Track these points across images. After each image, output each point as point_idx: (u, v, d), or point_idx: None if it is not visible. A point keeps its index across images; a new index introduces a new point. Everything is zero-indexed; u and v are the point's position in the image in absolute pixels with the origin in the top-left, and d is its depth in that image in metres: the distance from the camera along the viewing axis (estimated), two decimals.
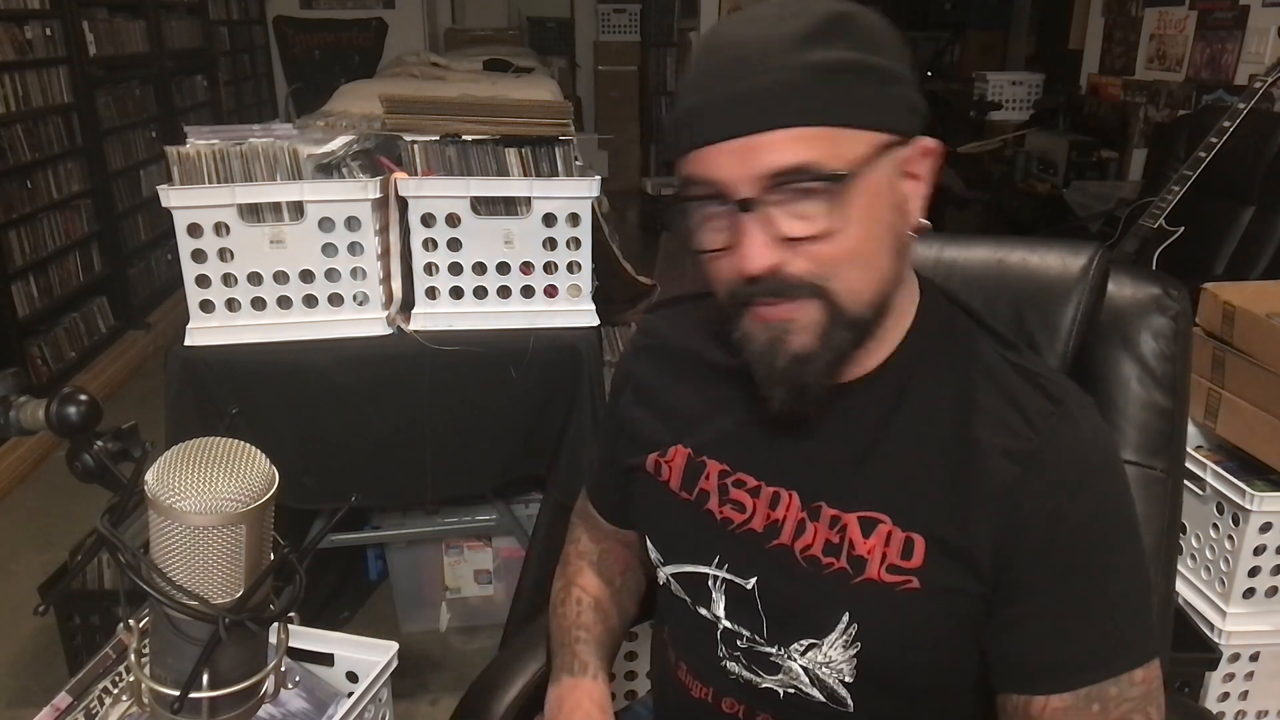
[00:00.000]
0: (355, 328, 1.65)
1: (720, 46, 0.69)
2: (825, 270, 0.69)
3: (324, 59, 5.82)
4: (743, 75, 0.67)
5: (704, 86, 0.69)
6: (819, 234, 0.67)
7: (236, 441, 0.59)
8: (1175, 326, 0.96)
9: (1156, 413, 0.95)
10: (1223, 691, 1.56)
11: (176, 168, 1.54)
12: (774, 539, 0.79)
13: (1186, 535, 1.63)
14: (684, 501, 0.84)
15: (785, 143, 0.66)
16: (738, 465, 0.82)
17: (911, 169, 0.72)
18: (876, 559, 0.74)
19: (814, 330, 0.70)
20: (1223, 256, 2.76)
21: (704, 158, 0.69)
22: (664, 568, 0.87)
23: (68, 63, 3.36)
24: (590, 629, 0.95)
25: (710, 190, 0.69)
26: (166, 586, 0.57)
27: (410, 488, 1.75)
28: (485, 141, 1.64)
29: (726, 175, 0.68)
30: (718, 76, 0.68)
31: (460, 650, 2.09)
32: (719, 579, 0.82)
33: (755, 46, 0.67)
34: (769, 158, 0.66)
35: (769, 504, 0.79)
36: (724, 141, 0.67)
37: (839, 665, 0.77)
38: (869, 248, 0.69)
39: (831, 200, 0.67)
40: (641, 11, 6.64)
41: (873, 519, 0.75)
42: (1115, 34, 4.10)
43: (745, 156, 0.67)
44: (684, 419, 0.86)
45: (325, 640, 1.17)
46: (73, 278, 3.38)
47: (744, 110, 0.66)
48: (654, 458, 0.87)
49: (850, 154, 0.67)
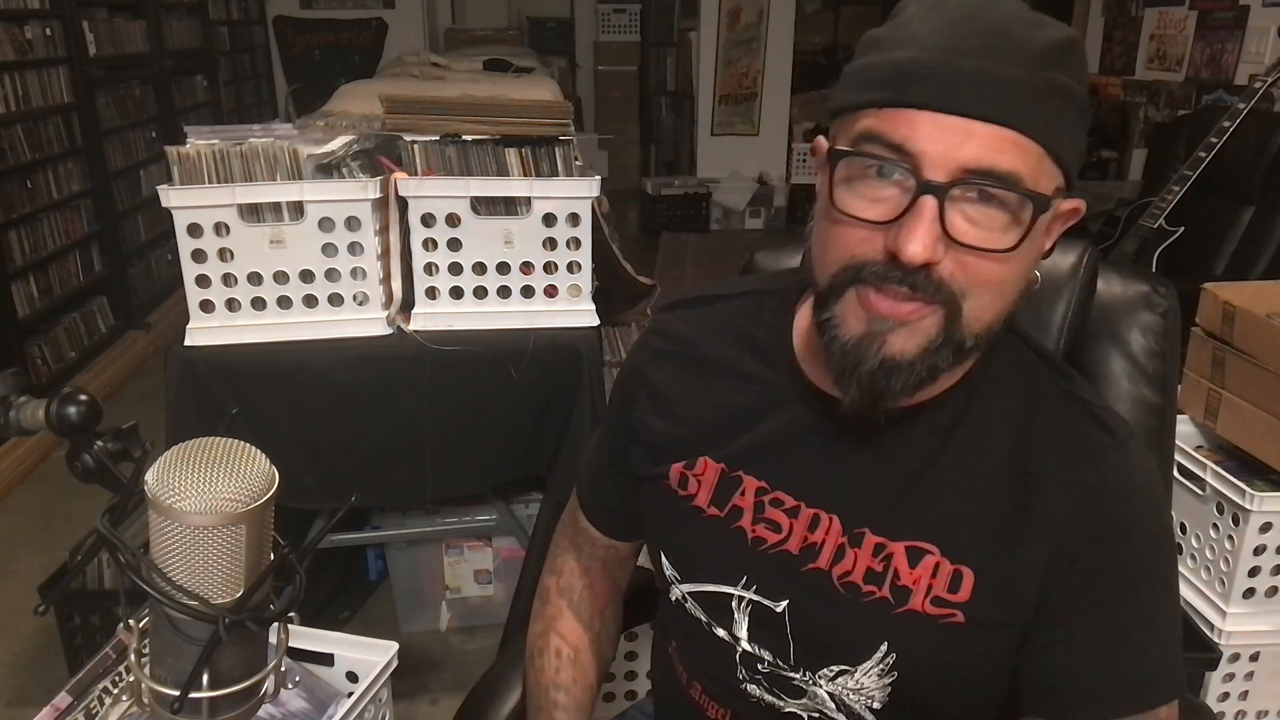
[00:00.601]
0: (355, 328, 1.65)
1: (964, 14, 0.62)
2: (967, 286, 0.64)
3: (324, 59, 5.81)
4: (992, 53, 0.61)
5: (943, 45, 0.61)
6: (985, 247, 0.63)
7: (236, 441, 0.59)
8: (1164, 323, 0.97)
9: (1146, 408, 0.96)
10: (1223, 691, 1.56)
11: (176, 168, 1.54)
12: (810, 562, 0.75)
13: (1186, 535, 1.63)
14: (711, 518, 0.80)
15: (1004, 143, 0.61)
16: (776, 483, 0.77)
17: (1053, 224, 0.69)
18: (922, 590, 0.72)
19: (922, 339, 0.65)
20: (1223, 256, 2.76)
21: (910, 121, 0.62)
22: (680, 585, 0.83)
23: (68, 63, 3.36)
24: (569, 690, 0.91)
25: (898, 158, 0.62)
26: (166, 586, 0.57)
27: (410, 488, 1.75)
28: (485, 141, 1.64)
29: (931, 149, 0.61)
30: (962, 40, 0.61)
31: (460, 650, 2.09)
32: (744, 600, 0.78)
33: (1008, 31, 0.61)
34: (984, 152, 0.61)
35: (808, 526, 0.76)
36: (946, 114, 0.61)
37: (870, 692, 0.75)
38: (1012, 281, 0.66)
39: (1012, 220, 0.62)
40: (641, 11, 6.63)
41: (921, 549, 0.72)
42: (1115, 34, 4.10)
43: (958, 139, 0.61)
44: (710, 430, 0.81)
45: (325, 640, 1.17)
46: (73, 278, 3.38)
47: (983, 91, 0.60)
48: (678, 469, 0.82)
49: (1044, 185, 0.63)
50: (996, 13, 0.62)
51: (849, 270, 0.66)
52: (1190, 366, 1.68)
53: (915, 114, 0.61)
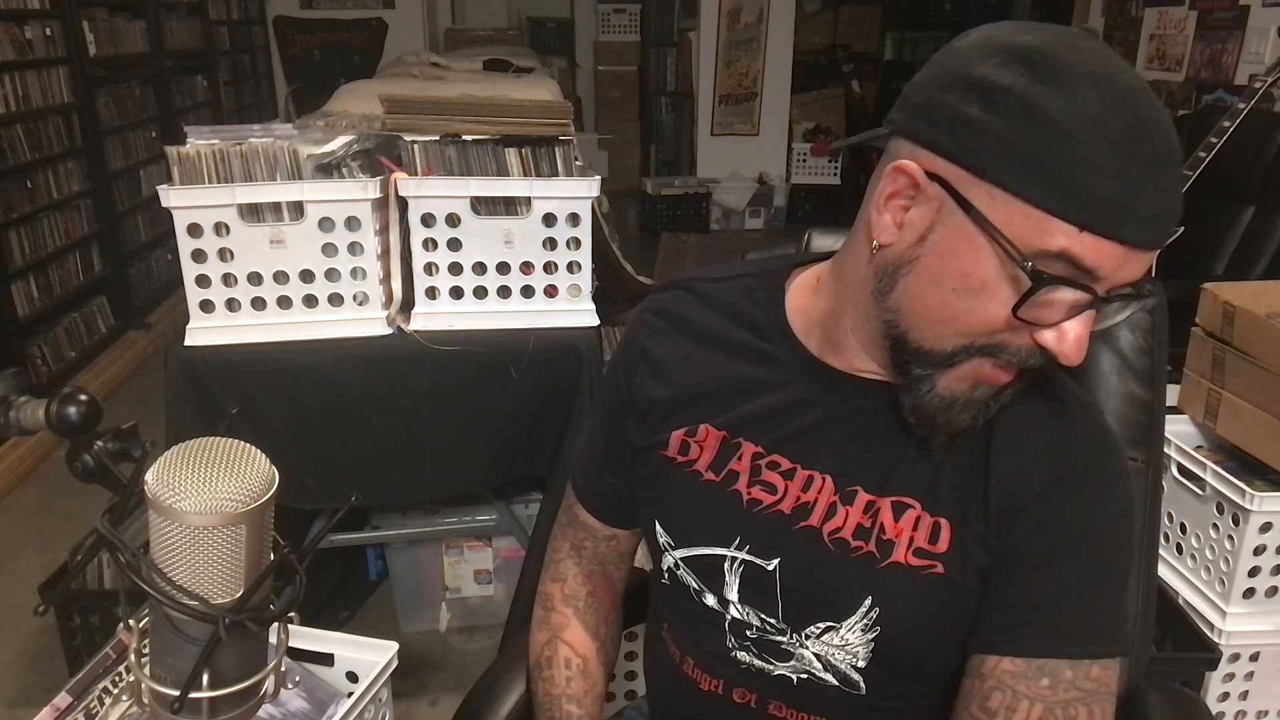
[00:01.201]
0: (355, 328, 1.65)
1: (1148, 126, 0.62)
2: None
3: (324, 59, 5.81)
4: (1173, 182, 0.64)
5: (1142, 178, 0.62)
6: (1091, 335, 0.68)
7: (236, 441, 0.59)
8: (1152, 320, 0.98)
9: (1135, 405, 0.97)
10: (1223, 691, 1.56)
11: (176, 168, 1.54)
12: (802, 520, 0.79)
13: (1186, 535, 1.63)
14: (708, 483, 0.83)
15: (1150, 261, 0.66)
16: (773, 448, 0.81)
17: None
18: (904, 542, 0.76)
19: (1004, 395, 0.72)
20: (1223, 256, 2.76)
21: (1112, 254, 0.63)
22: (673, 552, 0.85)
23: (68, 63, 3.36)
24: (581, 701, 0.91)
25: (1086, 280, 0.64)
26: (166, 586, 0.57)
27: (410, 488, 1.75)
28: (485, 141, 1.65)
29: (1109, 275, 0.64)
30: (1158, 173, 0.63)
31: (460, 650, 2.09)
32: (736, 560, 0.81)
33: (1172, 141, 0.64)
34: (1142, 272, 0.66)
35: (801, 486, 0.80)
36: (1140, 250, 0.64)
37: (855, 649, 0.78)
38: None
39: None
40: (641, 11, 6.64)
41: (903, 503, 0.76)
42: (1115, 34, 4.10)
43: (1133, 264, 0.65)
44: (709, 397, 0.84)
45: (325, 640, 1.17)
46: (73, 278, 3.38)
47: (1169, 225, 0.65)
48: (679, 435, 0.85)
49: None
50: (1156, 109, 0.63)
51: (984, 348, 0.69)
52: (1190, 366, 1.68)
53: (1115, 247, 0.63)
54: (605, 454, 0.95)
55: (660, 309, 0.91)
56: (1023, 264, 0.63)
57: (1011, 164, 0.63)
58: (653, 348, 0.89)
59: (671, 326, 0.89)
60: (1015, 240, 0.63)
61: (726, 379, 0.84)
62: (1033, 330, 0.66)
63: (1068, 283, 0.64)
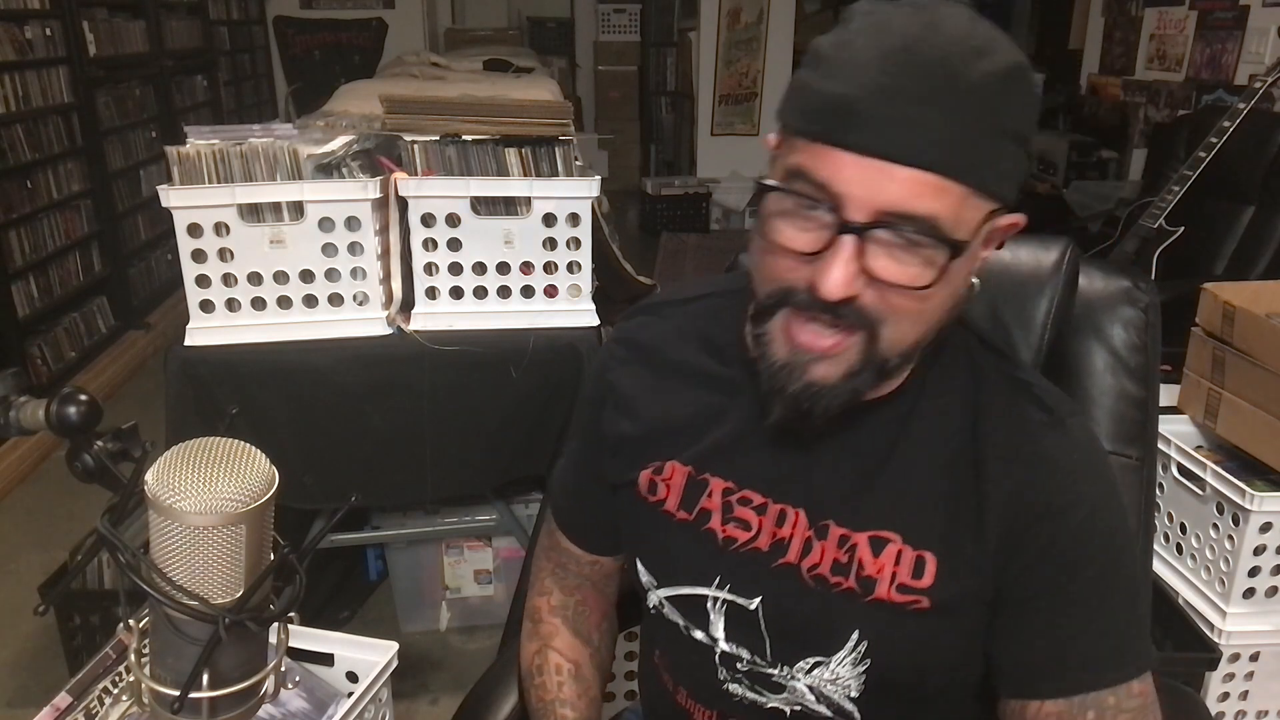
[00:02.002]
0: (355, 328, 1.65)
1: (901, 45, 0.62)
2: (888, 314, 0.66)
3: (324, 59, 5.81)
4: (922, 96, 0.61)
5: (874, 83, 0.61)
6: (903, 284, 0.64)
7: (236, 441, 0.59)
8: (1145, 318, 0.98)
9: (1129, 402, 0.97)
10: (1223, 691, 1.56)
11: (176, 168, 1.54)
12: (780, 558, 0.77)
13: (1186, 535, 1.63)
14: (681, 522, 0.81)
15: (924, 187, 0.62)
16: (743, 482, 0.79)
17: (993, 236, 0.70)
18: (886, 578, 0.73)
19: (843, 366, 0.68)
20: (1223, 256, 2.76)
21: (837, 161, 0.63)
22: (656, 591, 0.83)
23: (68, 63, 3.36)
24: (575, 705, 0.90)
25: (819, 194, 0.64)
26: (166, 586, 0.57)
27: (410, 488, 1.75)
28: (485, 141, 1.65)
29: (850, 191, 0.62)
30: (893, 79, 0.61)
31: (460, 650, 2.09)
32: (719, 600, 0.79)
33: (941, 69, 0.61)
34: (903, 197, 0.62)
35: (775, 521, 0.77)
36: (868, 156, 0.62)
37: (846, 681, 0.76)
38: (934, 308, 0.68)
39: (932, 260, 0.64)
40: (641, 11, 6.64)
41: (882, 538, 0.74)
42: (1115, 34, 4.10)
43: (879, 181, 0.62)
44: (676, 431, 0.82)
45: (325, 640, 1.17)
46: (73, 278, 3.38)
47: (908, 136, 0.61)
48: (647, 475, 0.83)
49: (970, 219, 0.64)
50: (937, 44, 0.62)
51: (778, 294, 0.68)
52: (1190, 366, 1.68)
53: (841, 155, 0.62)
54: (584, 483, 0.92)
55: (626, 338, 0.89)
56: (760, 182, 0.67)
57: (789, 102, 0.67)
58: (618, 380, 0.87)
59: (636, 357, 0.86)
60: (770, 180, 0.67)
61: (691, 411, 0.82)
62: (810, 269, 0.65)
63: (788, 190, 0.65)
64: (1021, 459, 0.72)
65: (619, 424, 0.86)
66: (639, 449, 0.84)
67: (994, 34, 0.65)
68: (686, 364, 0.83)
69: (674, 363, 0.84)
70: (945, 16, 0.64)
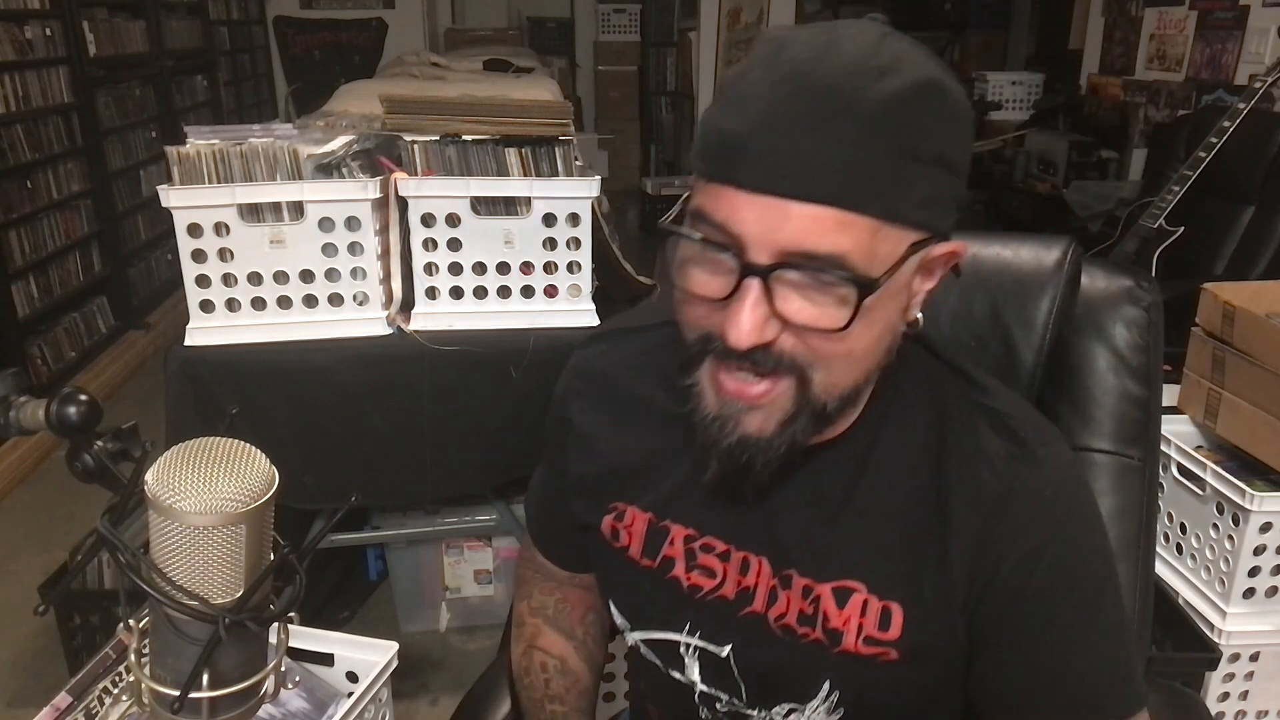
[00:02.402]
0: (355, 328, 1.65)
1: (792, 72, 0.58)
2: (813, 359, 0.62)
3: (324, 59, 5.81)
4: (810, 126, 0.57)
5: (761, 115, 0.58)
6: (817, 327, 0.60)
7: (236, 441, 0.59)
8: (1148, 317, 0.98)
9: (1131, 402, 0.97)
10: (1223, 691, 1.56)
11: (176, 168, 1.54)
12: (746, 606, 0.74)
13: (1186, 535, 1.63)
14: (646, 569, 0.78)
15: (826, 224, 0.58)
16: (704, 529, 0.76)
17: (931, 266, 0.66)
18: (853, 630, 0.70)
19: (777, 415, 0.64)
20: (1223, 256, 2.76)
21: (728, 200, 0.59)
22: (631, 633, 0.82)
23: (68, 63, 3.36)
24: (564, 699, 0.89)
25: (720, 237, 0.60)
26: (166, 586, 0.57)
27: (410, 488, 1.75)
28: (485, 141, 1.64)
29: (747, 231, 0.59)
30: (780, 110, 0.58)
31: (460, 650, 2.09)
32: (691, 646, 0.77)
33: (834, 95, 0.57)
34: (803, 235, 0.58)
35: (739, 570, 0.74)
36: (759, 194, 0.58)
37: None
38: (865, 350, 0.64)
39: (846, 299, 0.59)
40: (641, 11, 6.64)
41: (847, 588, 0.71)
42: (1115, 34, 4.10)
43: (776, 221, 0.58)
44: (634, 475, 0.79)
45: (325, 640, 1.17)
46: (73, 278, 3.38)
47: (798, 170, 0.57)
48: (609, 521, 0.80)
49: (886, 252, 0.60)
50: (832, 67, 0.58)
51: (699, 342, 0.65)
52: (1190, 366, 1.68)
53: (736, 194, 0.59)
54: (552, 508, 0.90)
55: (583, 368, 0.85)
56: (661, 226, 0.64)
57: (695, 145, 0.63)
58: (575, 416, 0.84)
59: (593, 389, 0.83)
60: (671, 224, 0.64)
61: (645, 452, 0.79)
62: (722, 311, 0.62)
63: (687, 235, 0.61)
64: (987, 501, 0.68)
65: (577, 463, 0.84)
66: (598, 491, 0.82)
67: (904, 51, 0.60)
68: (642, 400, 0.80)
69: (630, 398, 0.81)
70: (846, 38, 0.59)
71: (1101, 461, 0.95)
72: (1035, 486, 0.69)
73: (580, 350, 0.87)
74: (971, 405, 0.72)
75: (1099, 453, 0.96)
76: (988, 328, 0.95)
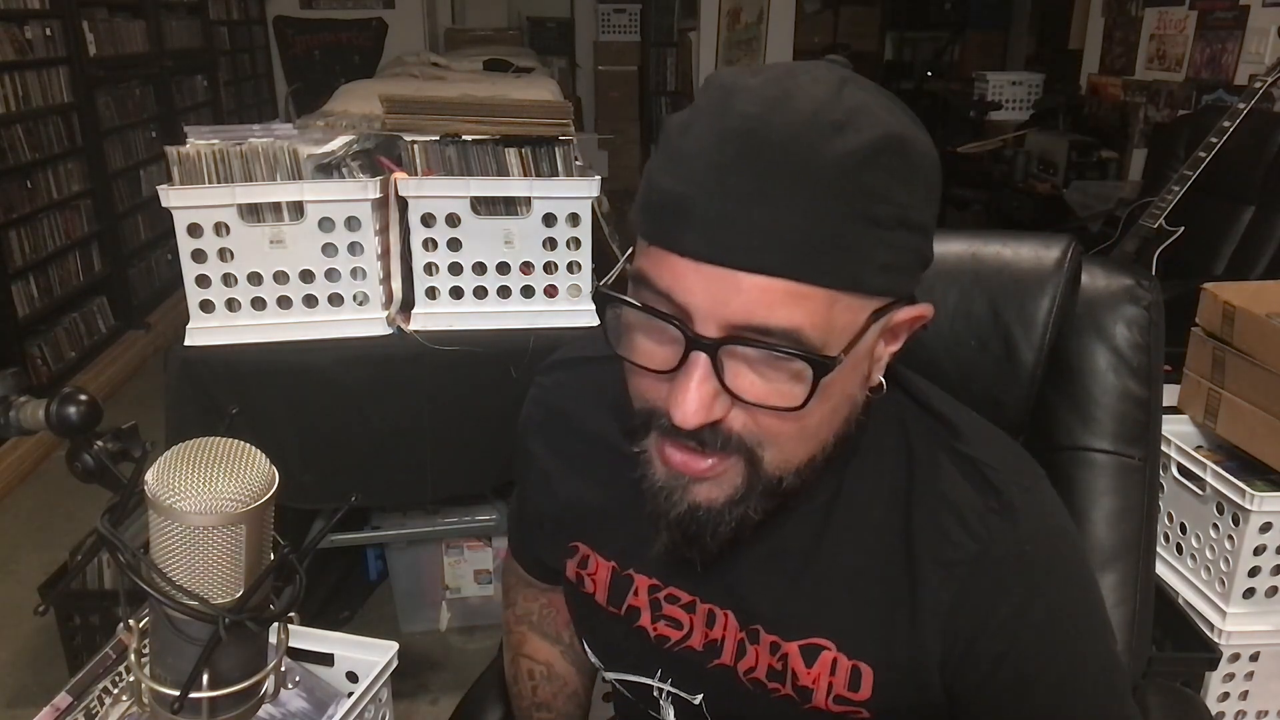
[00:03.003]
0: (355, 328, 1.65)
1: (740, 128, 0.53)
2: (764, 438, 0.58)
3: (324, 59, 5.81)
4: (759, 193, 0.52)
5: (705, 178, 0.53)
6: (770, 405, 0.56)
7: (236, 441, 0.59)
8: (1148, 316, 0.97)
9: (1132, 401, 0.96)
10: (1223, 691, 1.56)
11: (176, 168, 1.54)
12: (715, 659, 0.71)
13: (1186, 535, 1.63)
14: (613, 615, 0.76)
15: (777, 296, 0.53)
16: (667, 579, 0.73)
17: (896, 330, 0.62)
18: (823, 689, 0.67)
19: (726, 491, 0.61)
20: (1223, 256, 2.76)
21: (671, 267, 0.55)
22: (605, 673, 0.81)
23: (68, 63, 3.36)
24: (551, 705, 0.89)
25: (665, 307, 0.56)
26: (166, 586, 0.57)
27: (410, 487, 1.75)
28: (485, 141, 1.64)
29: (693, 302, 0.54)
30: (726, 173, 0.53)
31: (460, 650, 2.09)
32: (665, 691, 0.76)
33: (786, 156, 0.52)
34: (754, 307, 0.53)
35: (705, 622, 0.72)
36: (705, 264, 0.54)
37: None
38: (821, 425, 0.60)
39: (801, 375, 0.55)
40: (641, 11, 6.64)
41: (816, 645, 0.67)
42: (1115, 34, 4.10)
43: (724, 292, 0.53)
44: (594, 515, 0.76)
45: (325, 640, 1.17)
46: (73, 278, 3.38)
47: (746, 238, 0.52)
48: (573, 566, 0.78)
49: (845, 323, 0.56)
50: (783, 123, 0.52)
51: (644, 414, 0.61)
52: (1190, 366, 1.68)
53: (680, 261, 0.54)
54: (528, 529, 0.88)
55: (542, 399, 0.82)
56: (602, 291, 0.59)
57: (638, 198, 0.59)
58: (536, 449, 0.81)
59: (550, 421, 0.80)
60: (608, 290, 0.60)
61: (606, 494, 0.75)
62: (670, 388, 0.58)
63: (629, 302, 0.57)
64: (960, 562, 0.64)
65: (538, 498, 0.82)
66: (557, 531, 0.80)
67: (863, 102, 0.54)
68: (601, 435, 0.75)
69: (587, 434, 0.77)
70: (800, 88, 0.54)
71: (1101, 461, 0.95)
72: (1011, 545, 0.64)
73: (540, 378, 0.85)
74: (946, 452, 0.67)
75: (1099, 453, 0.95)
76: (988, 327, 0.94)
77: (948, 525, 0.65)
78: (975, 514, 0.65)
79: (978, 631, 0.64)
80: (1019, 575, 0.64)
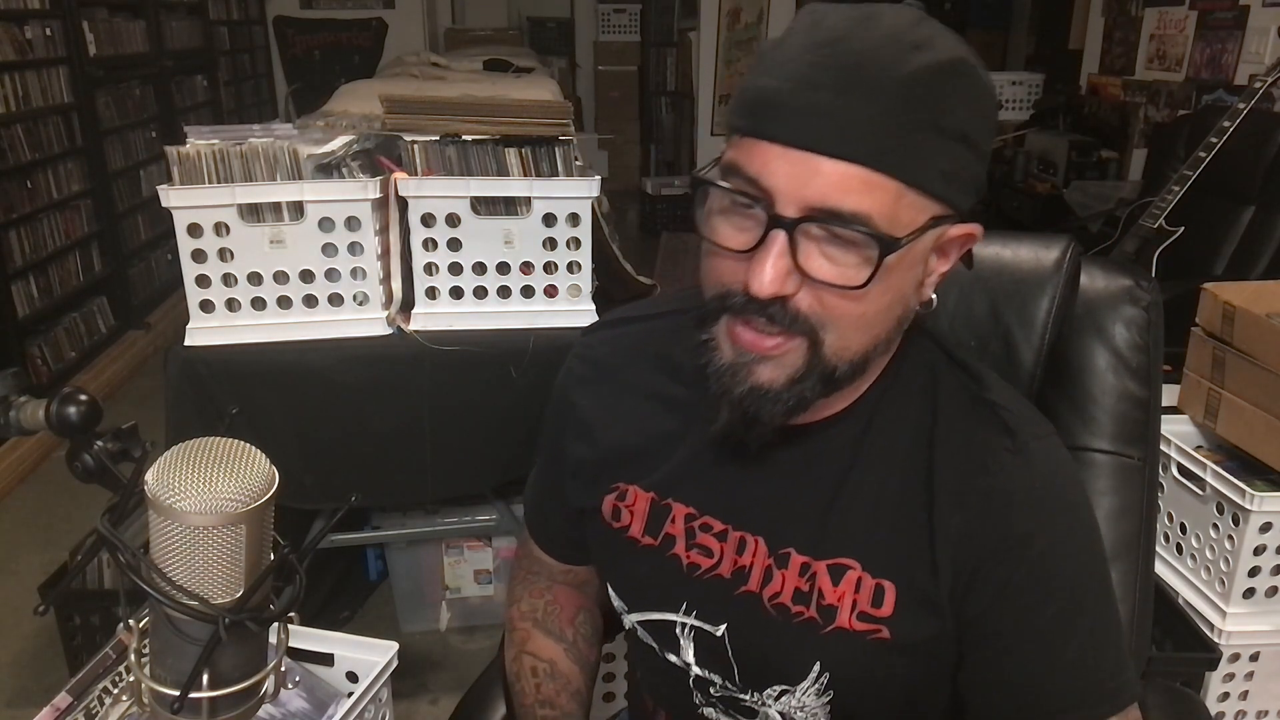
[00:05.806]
0: (355, 328, 1.65)
1: (830, 39, 0.61)
2: (826, 319, 0.64)
3: (324, 59, 5.81)
4: (845, 87, 0.59)
5: (798, 75, 0.61)
6: (836, 284, 0.62)
7: (236, 441, 0.59)
8: (1147, 317, 0.98)
9: (1131, 402, 0.97)
10: (1223, 691, 1.56)
11: (176, 168, 1.54)
12: (742, 585, 0.75)
13: (1186, 535, 1.63)
14: (647, 547, 0.79)
15: (853, 182, 0.60)
16: (704, 508, 0.78)
17: (946, 247, 0.68)
18: (847, 607, 0.71)
19: (787, 371, 0.66)
20: (1223, 256, 2.76)
21: (761, 153, 0.62)
22: (628, 615, 0.83)
23: (68, 63, 3.36)
24: (554, 702, 0.90)
25: (751, 190, 0.63)
26: (166, 586, 0.57)
27: (410, 488, 1.75)
28: (485, 141, 1.64)
29: (777, 185, 0.61)
30: (817, 71, 0.60)
31: (460, 650, 2.09)
32: (687, 626, 0.78)
33: (869, 61, 0.59)
34: (830, 191, 0.60)
35: (736, 549, 0.76)
36: (792, 149, 0.61)
37: (813, 710, 0.75)
38: (878, 315, 0.66)
39: (867, 258, 0.62)
40: (641, 11, 6.64)
41: (842, 565, 0.72)
42: (1115, 34, 4.10)
43: (806, 175, 0.60)
44: (636, 456, 0.81)
45: (325, 640, 1.17)
46: (73, 278, 3.38)
47: (830, 127, 0.60)
48: (610, 501, 0.82)
49: (908, 219, 0.62)
50: (867, 37, 0.60)
51: (719, 298, 0.67)
52: (1190, 366, 1.68)
53: (768, 147, 0.62)
54: (548, 499, 0.92)
55: (586, 355, 0.88)
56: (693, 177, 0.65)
57: (732, 102, 0.66)
58: (579, 400, 0.85)
59: (597, 375, 0.85)
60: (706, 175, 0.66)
61: (649, 435, 0.80)
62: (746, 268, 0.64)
63: (718, 185, 0.64)
64: (973, 494, 0.69)
65: (578, 447, 0.85)
66: (597, 474, 0.83)
67: (938, 32, 0.62)
68: (644, 385, 0.82)
69: (631, 383, 0.83)
70: (885, 12, 0.62)
71: (1101, 461, 0.96)
72: (1023, 479, 0.70)
73: (583, 337, 0.90)
74: (968, 397, 0.73)
75: (1099, 453, 0.96)
76: (988, 327, 0.95)
77: (965, 460, 0.70)
78: (991, 452, 0.70)
79: (984, 557, 0.69)
80: (1026, 508, 0.69)
